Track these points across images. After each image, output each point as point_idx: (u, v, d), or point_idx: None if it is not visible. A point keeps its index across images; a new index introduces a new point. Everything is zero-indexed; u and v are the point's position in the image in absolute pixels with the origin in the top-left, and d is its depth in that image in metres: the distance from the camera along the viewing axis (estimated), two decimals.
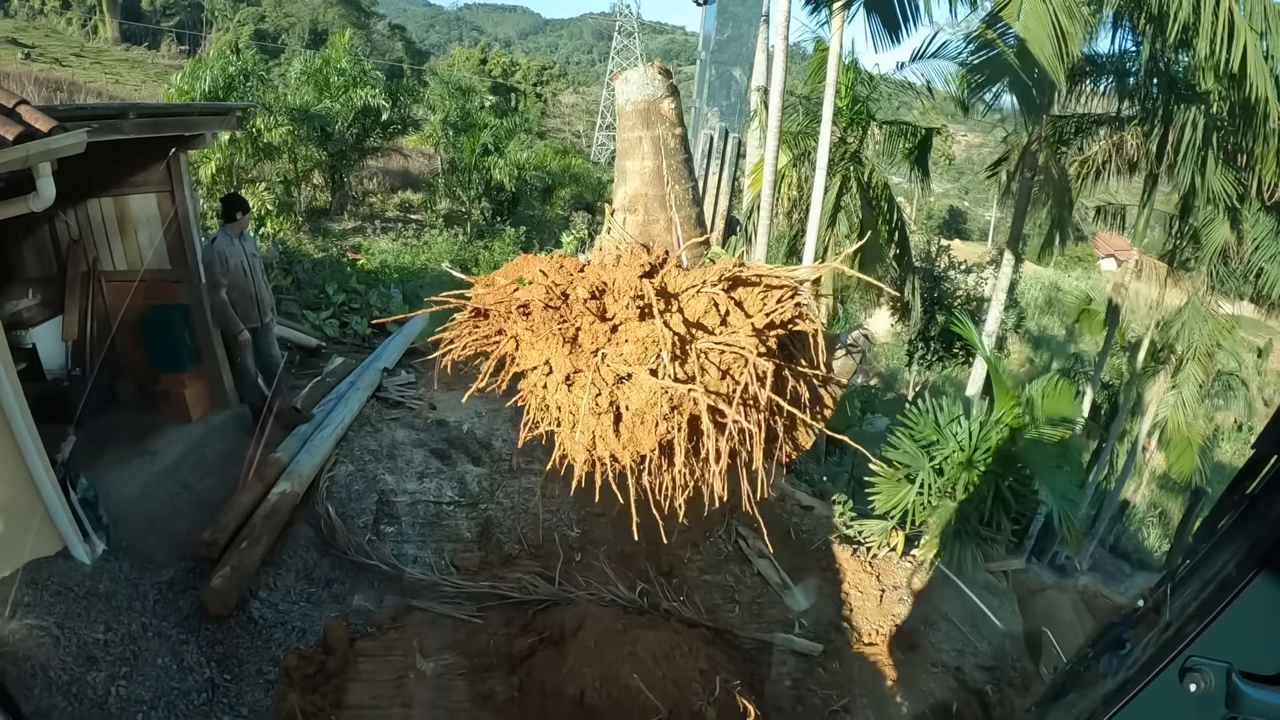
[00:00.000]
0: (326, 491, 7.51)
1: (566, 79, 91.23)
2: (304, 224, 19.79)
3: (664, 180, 3.70)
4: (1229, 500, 1.35)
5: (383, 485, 7.79)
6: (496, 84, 62.41)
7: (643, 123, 3.65)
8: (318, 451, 7.79)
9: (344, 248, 17.81)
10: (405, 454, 8.31)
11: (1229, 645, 1.06)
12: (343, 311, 12.77)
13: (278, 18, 65.22)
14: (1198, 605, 1.11)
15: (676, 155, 3.75)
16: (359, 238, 19.81)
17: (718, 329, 2.81)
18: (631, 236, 3.63)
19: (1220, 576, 1.09)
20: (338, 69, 19.88)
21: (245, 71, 17.52)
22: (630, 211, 3.69)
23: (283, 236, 15.62)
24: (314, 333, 11.31)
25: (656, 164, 3.67)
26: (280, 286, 13.14)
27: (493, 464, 8.39)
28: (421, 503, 7.70)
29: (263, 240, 14.95)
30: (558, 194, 28.02)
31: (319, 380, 9.44)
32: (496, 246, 20.25)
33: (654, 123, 3.67)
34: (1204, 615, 1.06)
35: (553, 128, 69.94)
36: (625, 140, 3.72)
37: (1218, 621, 1.05)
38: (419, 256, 17.82)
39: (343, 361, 9.98)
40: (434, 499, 7.77)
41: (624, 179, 3.68)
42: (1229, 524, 1.22)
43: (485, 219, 23.88)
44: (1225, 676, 1.06)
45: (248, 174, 18.60)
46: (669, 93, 3.66)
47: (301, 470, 7.39)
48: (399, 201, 26.20)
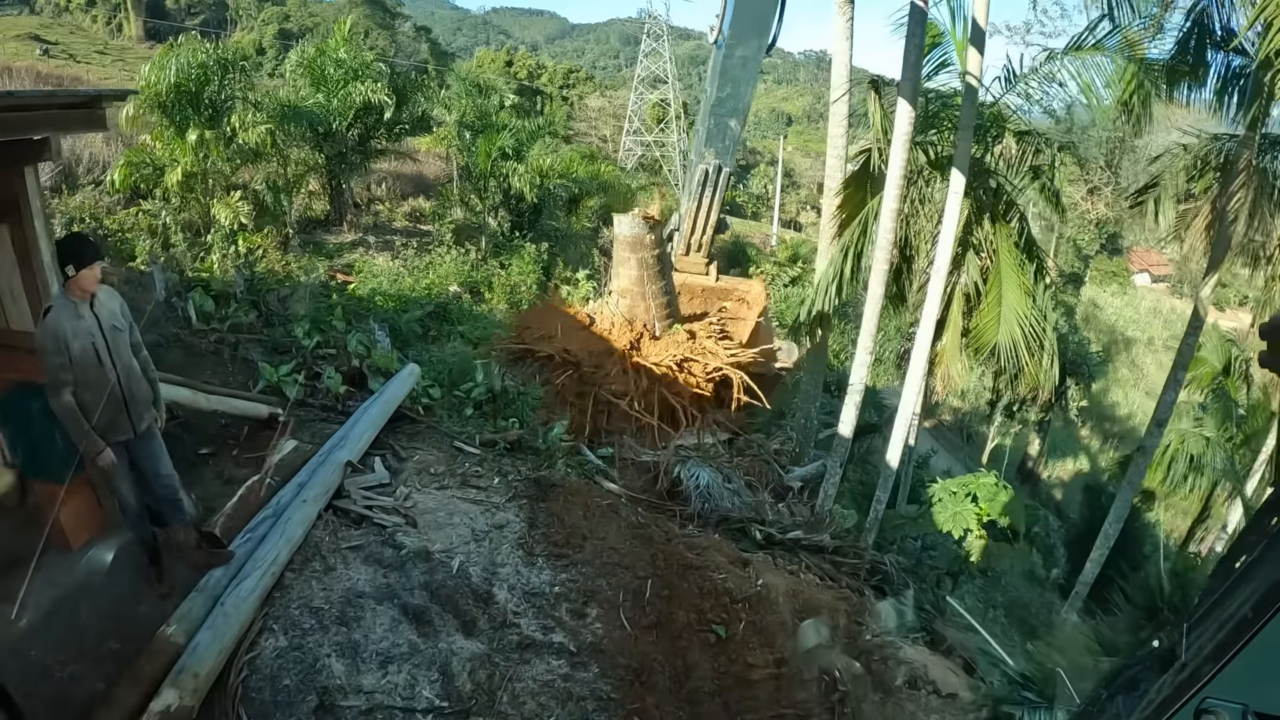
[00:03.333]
0: (239, 694, 4.73)
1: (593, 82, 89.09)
2: (294, 237, 17.10)
3: (644, 282, 8.69)
4: (1246, 540, 1.21)
5: (327, 678, 4.96)
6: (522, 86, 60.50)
7: (630, 249, 8.23)
8: (230, 622, 5.03)
9: (333, 268, 15.08)
10: (366, 616, 5.47)
11: (1245, 686, 1.03)
12: (315, 359, 10.00)
13: (302, 17, 64.41)
14: (1214, 646, 1.07)
15: (653, 268, 8.64)
16: (357, 253, 17.09)
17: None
18: (622, 313, 9.19)
19: (1237, 617, 1.05)
20: (335, 59, 17.20)
21: (222, 61, 14.84)
22: (623, 296, 8.94)
23: (251, 260, 12.88)
24: (268, 396, 8.56)
25: (639, 273, 8.50)
26: (239, 325, 10.40)
27: (494, 632, 5.53)
28: (383, 711, 4.86)
29: (225, 262, 12.21)
30: (585, 204, 25.20)
31: (256, 481, 6.62)
32: (515, 266, 17.45)
33: (638, 249, 8.10)
34: (1220, 656, 1.03)
35: (579, 132, 67.92)
36: (619, 256, 8.67)
37: (1234, 662, 1.02)
38: (421, 280, 15.05)
39: (294, 448, 7.16)
40: (402, 703, 4.93)
41: (618, 277, 8.79)
42: (1246, 564, 1.15)
43: (503, 232, 21.12)
44: (1241, 718, 1.03)
45: (228, 180, 15.94)
46: (649, 229, 8.35)
47: (200, 664, 4.65)
48: (409, 210, 23.51)
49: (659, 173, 69.86)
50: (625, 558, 6.48)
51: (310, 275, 13.95)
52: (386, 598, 5.64)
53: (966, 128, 6.96)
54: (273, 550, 5.70)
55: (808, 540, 7.94)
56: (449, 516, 6.64)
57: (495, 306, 15.02)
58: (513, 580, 5.92)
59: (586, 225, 26.47)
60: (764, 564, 6.92)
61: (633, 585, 6.08)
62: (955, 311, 8.91)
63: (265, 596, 5.48)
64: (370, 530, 6.33)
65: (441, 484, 7.30)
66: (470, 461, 7.93)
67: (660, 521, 8.14)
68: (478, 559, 6.12)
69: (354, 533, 6.27)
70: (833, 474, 9.62)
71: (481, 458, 8.08)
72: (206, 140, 14.20)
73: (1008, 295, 8.44)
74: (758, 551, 7.64)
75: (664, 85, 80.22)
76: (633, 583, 6.13)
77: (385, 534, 6.28)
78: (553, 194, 21.13)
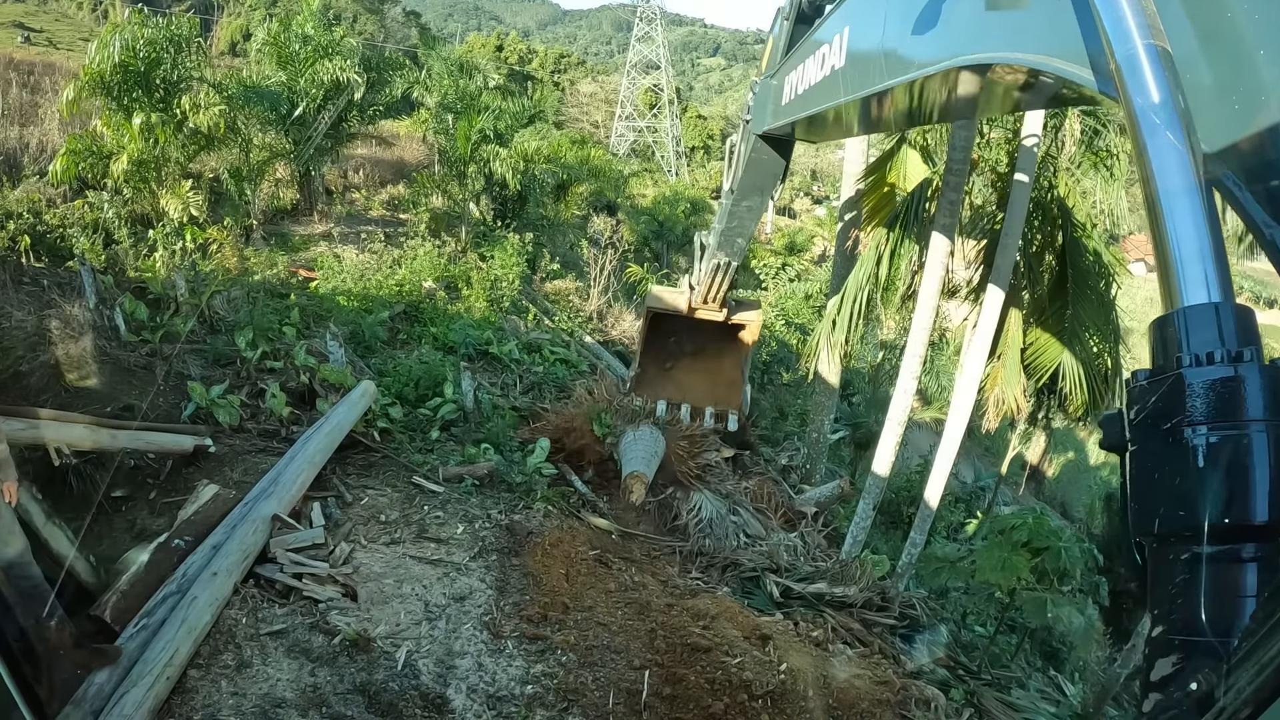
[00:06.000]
0: None
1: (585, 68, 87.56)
2: (259, 229, 15.71)
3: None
4: None
5: None
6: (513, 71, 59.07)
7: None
8: None
9: (294, 263, 13.73)
10: None
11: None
12: (259, 373, 8.70)
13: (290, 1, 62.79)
14: (1253, 690, 0.97)
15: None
16: (323, 246, 15.70)
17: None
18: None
19: (1278, 661, 0.95)
20: (301, 36, 15.73)
21: (174, 38, 13.40)
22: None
23: (194, 259, 11.51)
24: (197, 426, 7.28)
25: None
26: (174, 334, 9.09)
27: None
28: None
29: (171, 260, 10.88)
30: (574, 191, 23.79)
31: (162, 544, 5.34)
32: (497, 258, 16.08)
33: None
34: (1259, 700, 0.95)
35: (571, 117, 66.58)
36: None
37: (1272, 707, 0.93)
38: (391, 276, 13.69)
39: (213, 496, 5.87)
40: None
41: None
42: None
43: (485, 221, 19.74)
44: None
45: (183, 168, 14.52)
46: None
47: None
48: (387, 198, 22.08)
49: (651, 158, 68.43)
50: (617, 637, 5.24)
51: (268, 272, 12.61)
52: (313, 705, 4.39)
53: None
54: (169, 646, 4.44)
55: (832, 595, 6.73)
56: (398, 585, 5.38)
57: (473, 304, 13.70)
58: (474, 678, 4.66)
59: (575, 214, 25.08)
60: (785, 636, 5.68)
61: (627, 679, 4.84)
62: (1013, 327, 7.61)
63: (160, 708, 4.23)
64: (298, 606, 5.06)
65: (393, 536, 6.04)
66: (431, 503, 6.66)
67: (658, 571, 6.91)
68: (430, 647, 4.86)
69: (278, 611, 5.01)
70: (864, 517, 8.40)
71: (445, 497, 6.81)
72: (154, 125, 12.79)
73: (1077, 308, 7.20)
74: (775, 611, 6.42)
75: (657, 71, 78.73)
76: (626, 675, 4.88)
77: (317, 612, 5.02)
78: (539, 180, 19.76)
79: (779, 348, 20.34)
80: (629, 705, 4.63)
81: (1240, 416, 1.09)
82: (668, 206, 32.21)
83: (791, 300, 23.96)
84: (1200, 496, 1.09)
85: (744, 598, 6.60)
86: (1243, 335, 1.14)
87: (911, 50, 2.87)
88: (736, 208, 6.97)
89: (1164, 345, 1.19)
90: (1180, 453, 1.11)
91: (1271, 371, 1.10)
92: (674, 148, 70.35)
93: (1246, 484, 1.07)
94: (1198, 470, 1.09)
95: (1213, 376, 1.11)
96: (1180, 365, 1.14)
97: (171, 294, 9.78)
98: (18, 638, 4.13)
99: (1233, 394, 1.10)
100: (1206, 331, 1.14)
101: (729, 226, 7.22)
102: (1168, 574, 1.13)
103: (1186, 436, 1.11)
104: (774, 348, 20.00)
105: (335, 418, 7.02)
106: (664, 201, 33.22)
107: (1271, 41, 1.35)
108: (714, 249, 7.65)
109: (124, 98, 13.32)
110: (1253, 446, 1.07)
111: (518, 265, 16.09)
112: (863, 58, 3.48)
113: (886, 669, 5.65)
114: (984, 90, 2.71)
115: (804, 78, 4.63)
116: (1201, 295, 1.18)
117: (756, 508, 9.32)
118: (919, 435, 18.98)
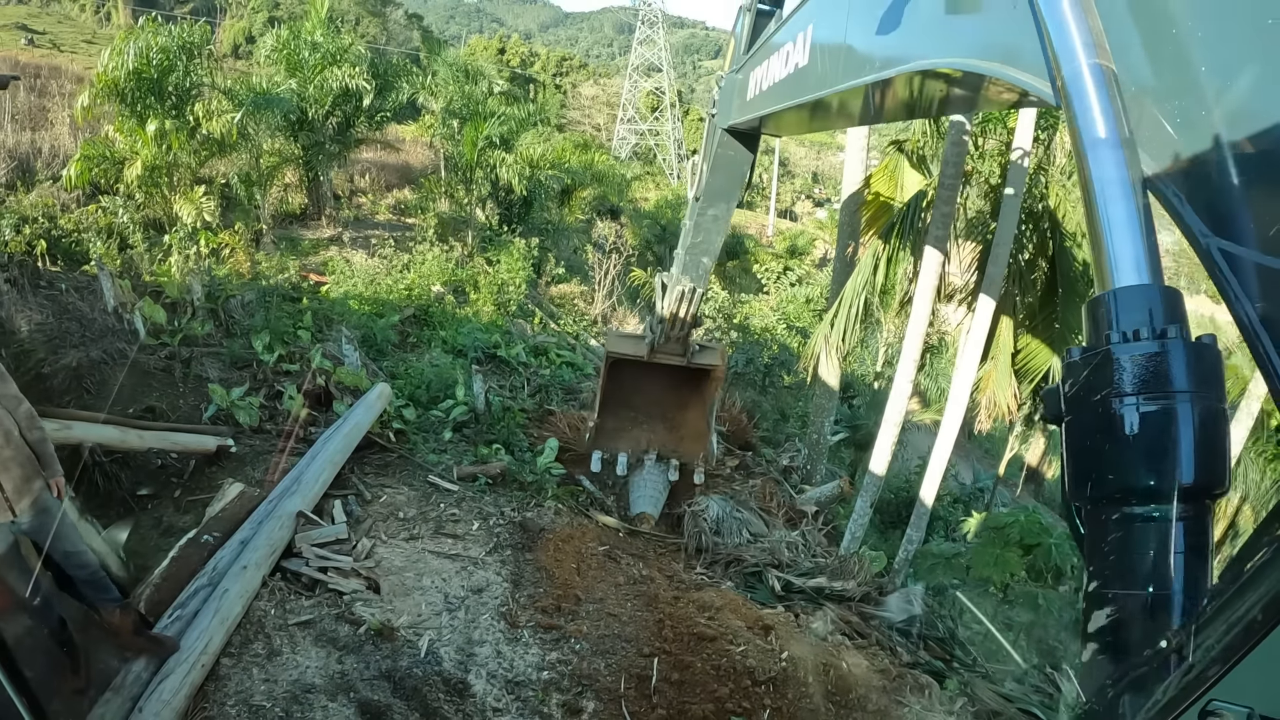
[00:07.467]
0: None
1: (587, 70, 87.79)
2: (268, 233, 15.99)
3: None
4: (1258, 542, 1.12)
5: None
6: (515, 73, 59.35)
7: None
8: None
9: (305, 268, 13.99)
10: (316, 717, 4.48)
11: (1252, 689, 0.99)
12: (276, 375, 8.97)
13: (292, 4, 62.96)
14: (1221, 648, 1.03)
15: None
16: (333, 250, 15.98)
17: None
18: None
19: (1246, 619, 1.01)
20: (310, 43, 16.02)
21: (186, 45, 13.68)
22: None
23: (209, 263, 11.79)
24: (219, 426, 7.54)
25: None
26: (193, 338, 9.35)
27: None
28: None
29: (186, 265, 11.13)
30: (578, 195, 24.10)
31: (191, 539, 5.60)
32: (503, 262, 16.36)
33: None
34: (1227, 658, 1.00)
35: (573, 120, 66.81)
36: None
37: (1241, 665, 0.99)
38: (401, 280, 13.95)
39: (239, 494, 6.14)
40: None
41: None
42: (1257, 566, 1.07)
43: (491, 226, 20.01)
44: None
45: (195, 173, 14.80)
46: None
47: None
48: (393, 202, 22.37)
49: (653, 161, 68.71)
50: (627, 627, 5.50)
51: (279, 276, 12.88)
52: (341, 691, 4.64)
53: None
54: (204, 635, 4.69)
55: (831, 589, 6.97)
56: (418, 578, 5.64)
57: (481, 308, 13.97)
58: (493, 664, 4.92)
59: (580, 218, 25.37)
60: (787, 626, 5.93)
61: (637, 666, 5.10)
62: (1004, 332, 7.90)
63: (195, 694, 4.48)
64: (324, 599, 5.32)
65: (412, 532, 6.30)
66: (446, 501, 6.92)
67: (665, 566, 7.17)
68: (451, 636, 5.12)
69: (304, 603, 5.26)
70: (861, 514, 8.65)
71: (460, 495, 7.08)
72: (168, 131, 13.07)
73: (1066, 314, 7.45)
74: (777, 604, 6.67)
75: (658, 73, 79.03)
76: (637, 662, 5.14)
77: (342, 604, 5.28)
78: (544, 185, 20.05)
79: (781, 351, 20.60)
80: (639, 690, 4.88)
81: (1165, 389, 1.17)
82: (670, 210, 32.51)
83: (793, 304, 24.22)
84: (1128, 462, 1.19)
85: (747, 591, 6.85)
86: (1169, 314, 1.22)
87: (874, 51, 2.86)
88: (702, 218, 6.95)
89: (1095, 324, 1.29)
90: (1110, 422, 1.20)
91: (1195, 348, 1.19)
92: (676, 150, 70.60)
93: (1173, 450, 1.16)
94: (1126, 438, 1.18)
95: (1139, 352, 1.19)
96: (1109, 342, 1.23)
97: (188, 298, 10.04)
98: (79, 623, 4.42)
99: (1158, 368, 1.18)
100: (1136, 312, 1.23)
101: (694, 242, 7.18)
102: (1101, 534, 1.24)
103: (1115, 407, 1.20)
104: (775, 351, 20.26)
105: (354, 418, 7.28)
106: (666, 205, 33.53)
107: (1213, 57, 1.41)
108: (678, 275, 7.51)
109: (138, 104, 13.60)
110: (1177, 415, 1.15)
111: (523, 269, 16.36)
112: (826, 56, 3.48)
113: (883, 659, 5.91)
114: (945, 92, 2.75)
115: (768, 74, 4.57)
116: (1133, 278, 1.27)
117: (759, 507, 9.58)
118: (919, 436, 19.23)
